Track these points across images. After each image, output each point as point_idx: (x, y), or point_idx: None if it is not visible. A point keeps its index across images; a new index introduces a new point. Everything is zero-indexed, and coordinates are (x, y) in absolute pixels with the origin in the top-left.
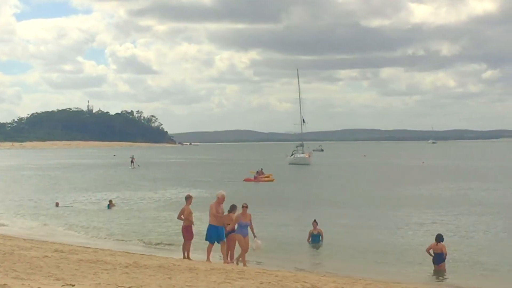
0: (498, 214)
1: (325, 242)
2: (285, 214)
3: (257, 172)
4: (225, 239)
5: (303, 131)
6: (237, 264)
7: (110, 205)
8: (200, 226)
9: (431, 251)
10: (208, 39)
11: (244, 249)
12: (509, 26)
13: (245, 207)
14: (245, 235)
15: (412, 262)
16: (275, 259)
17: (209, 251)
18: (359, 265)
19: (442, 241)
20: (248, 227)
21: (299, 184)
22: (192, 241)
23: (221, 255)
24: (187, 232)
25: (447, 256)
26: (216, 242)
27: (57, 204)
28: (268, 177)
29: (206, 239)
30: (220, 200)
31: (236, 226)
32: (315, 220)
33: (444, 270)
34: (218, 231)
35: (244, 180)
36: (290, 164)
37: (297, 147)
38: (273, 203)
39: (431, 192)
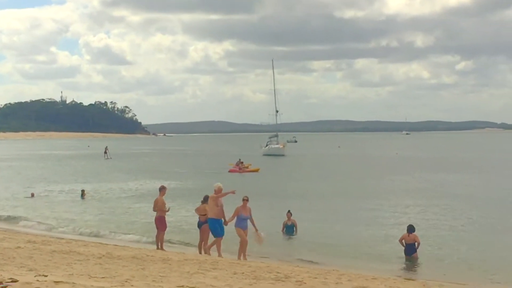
0: (470, 204)
1: (299, 233)
2: (259, 205)
3: (236, 163)
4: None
5: (278, 122)
6: (240, 258)
7: (83, 195)
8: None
9: (403, 242)
10: (182, 30)
11: (245, 243)
12: (483, 18)
13: (245, 200)
14: (245, 228)
15: (384, 253)
16: (249, 250)
17: (218, 246)
18: (333, 255)
19: (414, 231)
20: (249, 221)
21: (274, 175)
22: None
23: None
24: (161, 223)
25: (419, 246)
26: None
27: (32, 195)
28: (247, 167)
29: (214, 235)
30: (217, 192)
31: (234, 219)
32: (289, 211)
33: (416, 261)
34: (220, 224)
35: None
36: (264, 155)
37: (271, 138)
38: (248, 194)
39: (404, 183)
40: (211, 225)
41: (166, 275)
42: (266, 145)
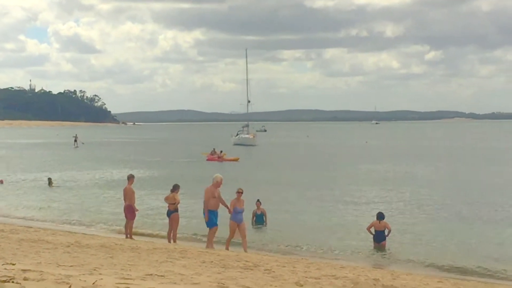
0: (438, 192)
1: (268, 222)
2: (230, 194)
3: (210, 152)
4: (217, 225)
5: (248, 112)
6: (228, 249)
7: (50, 183)
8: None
9: (372, 229)
10: (152, 18)
11: (243, 235)
12: (452, 8)
13: (240, 192)
14: (240, 221)
15: (353, 241)
16: (218, 240)
17: (213, 238)
18: (302, 244)
19: (383, 219)
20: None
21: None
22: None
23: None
24: (129, 212)
25: (390, 233)
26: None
27: (1, 181)
28: (222, 157)
29: (208, 226)
30: (218, 184)
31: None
32: (258, 200)
33: (384, 249)
34: (215, 215)
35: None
36: (235, 144)
37: (242, 127)
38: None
39: (374, 172)
40: (208, 216)
41: (134, 264)
42: (237, 135)
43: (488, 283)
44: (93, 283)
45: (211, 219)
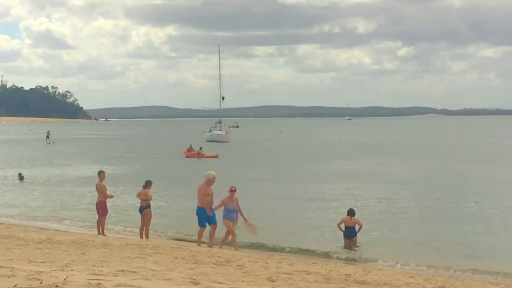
0: (410, 188)
1: (240, 218)
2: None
3: (187, 149)
4: (216, 223)
5: (221, 108)
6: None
7: (22, 179)
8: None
9: (342, 226)
10: (125, 14)
11: (233, 234)
12: (425, 5)
13: (233, 191)
14: (233, 219)
15: (325, 237)
16: (192, 236)
17: (200, 235)
18: (274, 240)
19: (354, 215)
20: (236, 211)
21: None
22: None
23: (212, 238)
24: (101, 208)
25: (361, 229)
26: (207, 224)
27: None
28: (197, 153)
29: (200, 225)
30: (211, 181)
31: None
32: None
33: (356, 245)
34: (208, 216)
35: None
36: (208, 141)
37: (215, 123)
38: (191, 179)
39: (346, 167)
40: (201, 215)
41: (106, 260)
42: (210, 131)
43: (458, 279)
44: (65, 279)
45: (202, 218)
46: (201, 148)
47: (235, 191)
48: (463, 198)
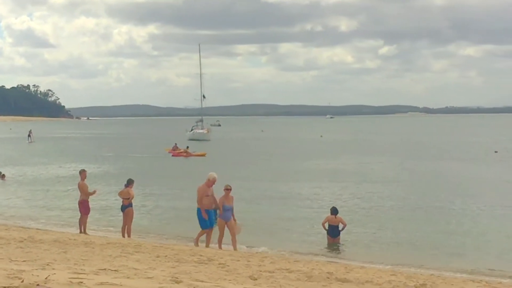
0: (392, 187)
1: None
2: (183, 188)
3: (172, 148)
4: (213, 226)
5: (202, 106)
6: (221, 248)
7: (3, 177)
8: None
9: (326, 225)
10: (106, 12)
11: (232, 233)
12: (406, 3)
13: (228, 189)
14: (229, 219)
15: (308, 235)
16: (172, 234)
17: (208, 237)
18: (257, 239)
19: (337, 213)
20: (231, 210)
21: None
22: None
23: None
24: (83, 207)
25: (345, 228)
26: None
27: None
28: (184, 152)
29: (202, 228)
30: (211, 182)
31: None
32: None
33: (339, 243)
34: (209, 215)
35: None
36: (190, 139)
37: (197, 122)
38: (173, 177)
39: (328, 166)
40: (199, 216)
41: (88, 259)
42: (191, 130)
43: (440, 276)
44: (46, 278)
45: (202, 220)
46: (187, 147)
47: (230, 189)
48: (444, 196)
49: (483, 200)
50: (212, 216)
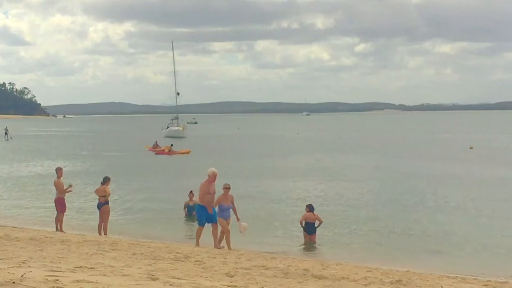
0: (367, 183)
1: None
2: (161, 185)
3: (153, 145)
4: (216, 221)
5: (178, 104)
6: (219, 247)
7: None
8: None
9: (303, 222)
10: (82, 10)
11: (227, 232)
12: (382, 1)
13: (227, 188)
14: (227, 218)
15: (283, 232)
16: (149, 231)
17: (199, 234)
18: (234, 236)
19: (314, 210)
20: (231, 210)
21: (175, 156)
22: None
23: (212, 238)
24: (59, 205)
25: (320, 225)
26: (207, 223)
27: None
28: (164, 150)
29: (199, 224)
30: (212, 178)
31: (217, 209)
32: (191, 191)
33: (315, 240)
34: (209, 215)
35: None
36: (166, 137)
37: (172, 120)
38: (153, 174)
39: (304, 163)
40: (199, 213)
41: (64, 256)
42: (167, 127)
43: (416, 272)
44: (22, 276)
45: (201, 217)
46: (171, 145)
47: (229, 188)
48: (420, 193)
49: (459, 196)
50: (214, 214)
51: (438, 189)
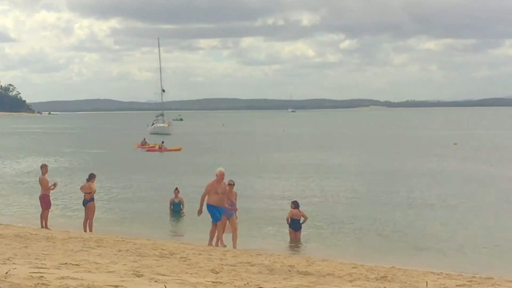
0: (353, 180)
1: (186, 210)
2: (147, 182)
3: (141, 143)
4: (232, 215)
5: (164, 100)
6: (218, 244)
7: None
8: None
9: (289, 219)
10: (68, 6)
11: (233, 229)
12: None
13: (231, 184)
14: (230, 215)
15: (269, 228)
16: (134, 228)
17: (213, 232)
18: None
19: (299, 207)
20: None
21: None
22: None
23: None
24: (44, 201)
25: (305, 221)
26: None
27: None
28: (153, 146)
29: (214, 221)
30: (220, 178)
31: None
32: (176, 188)
33: (300, 237)
34: (218, 211)
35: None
36: (151, 133)
37: (157, 116)
38: (139, 170)
39: (290, 160)
40: (211, 211)
41: (49, 253)
42: (152, 124)
43: (401, 269)
44: (6, 273)
45: (214, 214)
46: (162, 142)
47: (233, 184)
48: (405, 190)
49: (443, 193)
50: (220, 212)
51: (423, 186)
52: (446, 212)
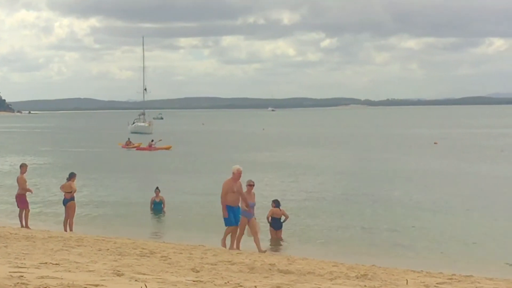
0: (333, 178)
1: (167, 209)
2: (128, 181)
3: (126, 142)
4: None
5: (145, 99)
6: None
7: None
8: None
9: (270, 218)
10: (47, 5)
11: (254, 232)
12: None
13: (251, 185)
14: (251, 216)
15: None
16: (115, 227)
17: (226, 235)
18: (200, 232)
19: (280, 206)
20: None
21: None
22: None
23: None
24: (20, 201)
25: (287, 220)
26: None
27: None
28: (139, 146)
29: (226, 225)
30: (236, 176)
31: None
32: (157, 188)
33: (281, 235)
34: (234, 212)
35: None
36: (132, 132)
37: (139, 115)
38: (121, 170)
39: (270, 158)
40: (228, 213)
41: (29, 253)
42: (133, 123)
43: (381, 267)
44: None
45: (228, 217)
46: (152, 140)
47: (253, 185)
48: (386, 188)
49: (423, 192)
50: (238, 214)
51: (403, 185)
52: (426, 210)
